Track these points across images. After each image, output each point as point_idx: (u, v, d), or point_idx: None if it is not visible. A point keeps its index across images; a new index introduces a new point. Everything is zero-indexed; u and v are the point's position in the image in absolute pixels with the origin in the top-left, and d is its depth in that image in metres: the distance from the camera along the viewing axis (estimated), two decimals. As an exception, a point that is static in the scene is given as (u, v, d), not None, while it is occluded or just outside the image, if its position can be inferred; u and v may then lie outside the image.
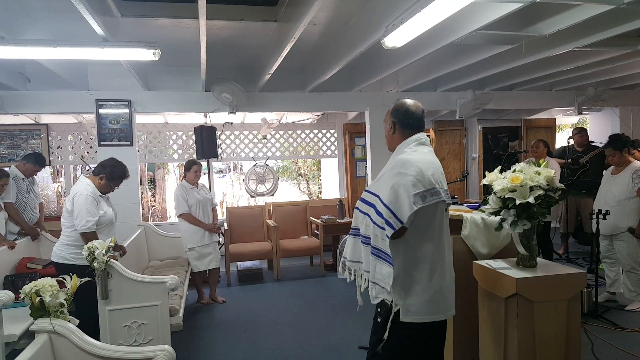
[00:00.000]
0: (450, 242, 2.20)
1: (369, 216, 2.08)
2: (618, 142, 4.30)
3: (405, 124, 2.23)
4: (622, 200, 4.19)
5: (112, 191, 3.62)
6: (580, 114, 7.39)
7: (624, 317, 4.12)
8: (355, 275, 2.27)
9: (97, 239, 3.34)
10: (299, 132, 7.55)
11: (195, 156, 6.52)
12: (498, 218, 2.51)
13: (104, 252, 2.93)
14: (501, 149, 8.66)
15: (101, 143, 5.44)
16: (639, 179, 4.13)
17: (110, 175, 3.50)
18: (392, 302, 2.06)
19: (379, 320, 2.14)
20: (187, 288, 4.50)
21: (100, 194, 3.48)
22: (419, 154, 2.11)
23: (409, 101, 2.29)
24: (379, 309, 2.14)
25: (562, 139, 8.56)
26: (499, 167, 2.60)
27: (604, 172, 4.58)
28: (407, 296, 2.04)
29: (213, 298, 5.07)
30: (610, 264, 4.41)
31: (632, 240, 4.16)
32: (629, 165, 4.25)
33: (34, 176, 4.99)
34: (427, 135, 2.25)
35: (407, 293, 2.04)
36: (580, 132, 6.37)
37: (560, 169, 5.52)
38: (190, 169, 4.94)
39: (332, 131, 7.65)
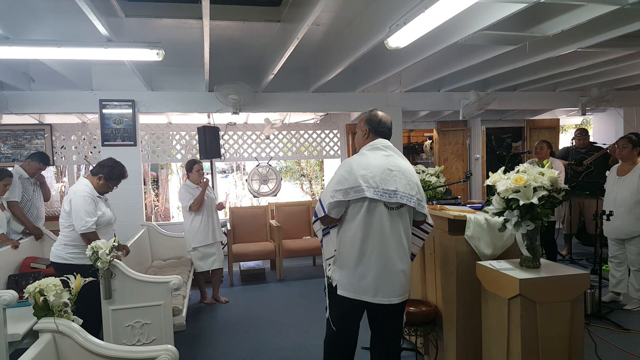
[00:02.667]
0: (404, 241, 2.41)
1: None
2: (635, 137, 4.32)
3: (377, 131, 2.55)
4: (632, 204, 4.12)
5: (111, 191, 3.62)
6: (584, 114, 7.37)
7: (627, 318, 4.10)
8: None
9: (98, 238, 3.35)
10: (302, 132, 7.55)
11: (198, 156, 6.53)
12: (501, 219, 2.51)
13: (107, 252, 2.94)
14: (504, 150, 8.64)
15: (105, 143, 5.46)
16: None
17: (109, 175, 3.49)
18: (330, 277, 2.49)
19: (325, 290, 2.57)
20: (190, 288, 4.50)
21: (98, 194, 3.47)
22: (363, 157, 2.45)
23: (380, 112, 2.61)
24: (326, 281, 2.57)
25: (565, 140, 8.54)
26: (503, 168, 2.59)
27: (607, 172, 4.55)
28: (340, 273, 2.42)
29: (216, 298, 5.08)
30: (617, 264, 4.37)
31: None
32: (636, 167, 4.21)
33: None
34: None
35: (340, 270, 2.43)
36: (581, 133, 6.35)
37: (564, 169, 5.51)
38: (193, 169, 4.91)
39: (335, 131, 7.66)
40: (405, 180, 2.39)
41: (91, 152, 6.67)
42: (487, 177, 2.61)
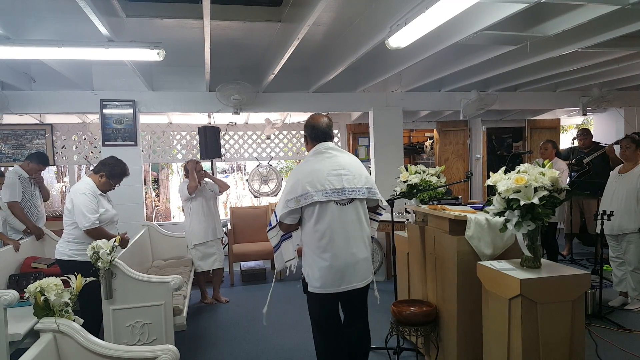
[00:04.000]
0: (359, 232, 2.61)
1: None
2: (639, 137, 4.34)
3: (313, 136, 2.73)
4: (629, 201, 4.16)
5: (113, 189, 3.65)
6: (584, 114, 7.36)
7: (628, 318, 4.10)
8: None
9: (105, 233, 3.36)
10: (302, 132, 7.53)
11: (199, 156, 6.53)
12: (502, 219, 2.50)
13: (108, 251, 2.94)
14: (505, 150, 8.64)
15: (105, 143, 5.46)
16: None
17: (110, 173, 3.54)
18: (303, 275, 2.69)
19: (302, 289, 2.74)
20: (191, 288, 4.50)
21: (100, 192, 3.51)
22: (308, 164, 2.66)
23: (315, 117, 2.76)
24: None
25: (566, 140, 8.54)
26: (503, 168, 2.59)
27: (611, 172, 4.55)
28: (307, 271, 2.64)
29: (216, 298, 5.08)
30: (619, 264, 4.37)
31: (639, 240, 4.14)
32: (637, 166, 4.23)
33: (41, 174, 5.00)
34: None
35: (306, 269, 2.66)
36: (582, 133, 6.35)
37: (567, 169, 5.51)
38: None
39: (335, 131, 7.61)
40: (351, 175, 2.60)
41: (92, 152, 6.68)
42: (488, 177, 2.60)
